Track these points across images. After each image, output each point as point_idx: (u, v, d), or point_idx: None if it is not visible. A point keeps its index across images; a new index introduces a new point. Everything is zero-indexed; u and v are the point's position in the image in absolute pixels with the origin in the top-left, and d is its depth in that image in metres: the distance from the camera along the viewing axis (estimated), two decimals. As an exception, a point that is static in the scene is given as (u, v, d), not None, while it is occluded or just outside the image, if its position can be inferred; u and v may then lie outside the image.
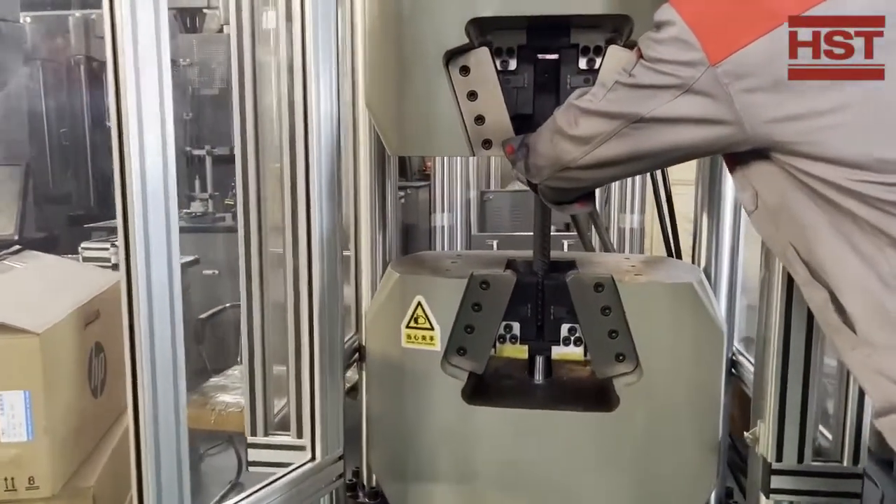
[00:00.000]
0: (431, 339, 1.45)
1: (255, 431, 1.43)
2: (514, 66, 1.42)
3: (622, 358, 1.44)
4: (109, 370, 1.78)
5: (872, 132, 0.87)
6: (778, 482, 1.28)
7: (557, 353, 1.53)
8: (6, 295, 1.63)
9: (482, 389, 1.53)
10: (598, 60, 1.40)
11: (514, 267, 1.55)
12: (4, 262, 1.84)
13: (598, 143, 1.06)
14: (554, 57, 1.42)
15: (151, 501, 1.00)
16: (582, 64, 1.42)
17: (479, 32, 1.39)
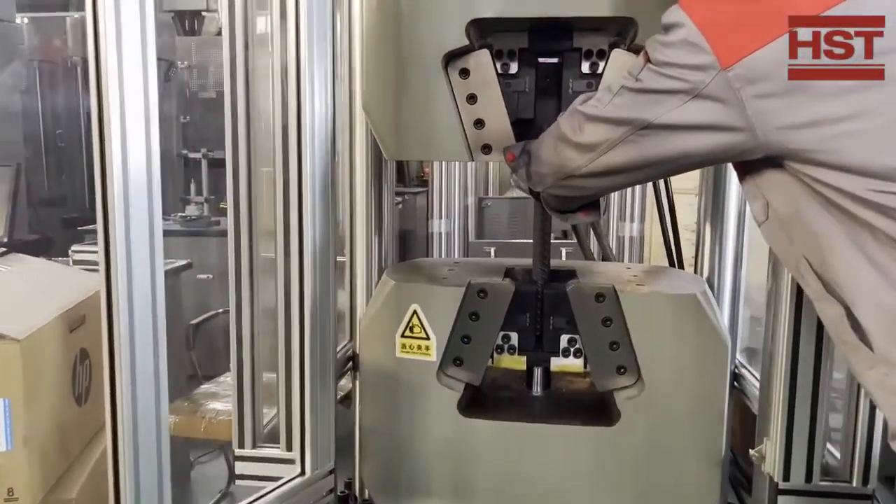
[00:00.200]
0: (427, 348, 1.42)
1: (243, 443, 1.40)
2: (514, 69, 1.40)
3: (623, 370, 1.40)
4: (95, 377, 1.74)
5: (891, 140, 0.84)
6: (785, 502, 1.25)
7: (556, 364, 1.49)
8: (-12, 299, 1.58)
9: (479, 401, 1.49)
10: (601, 64, 1.38)
11: (512, 275, 1.52)
12: (-11, 264, 1.80)
13: (603, 150, 1.03)
14: (556, 60, 1.40)
15: (130, 519, 0.95)
16: (585, 68, 1.39)
17: (479, 34, 1.36)
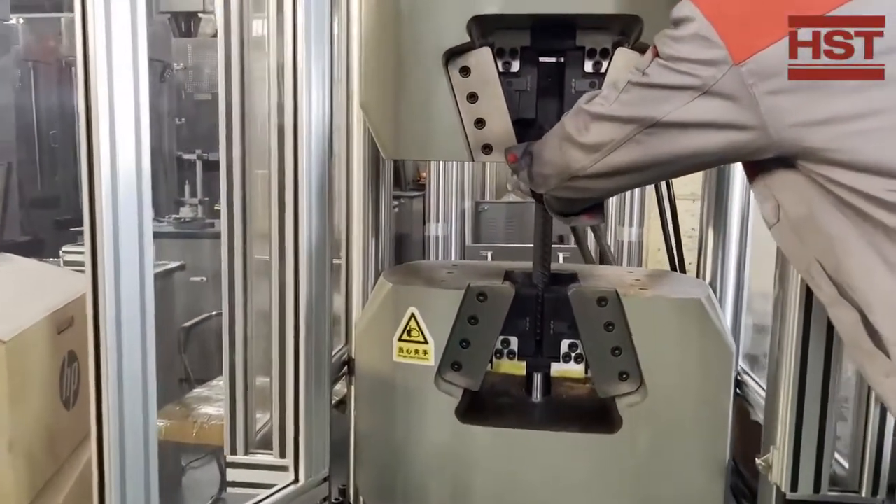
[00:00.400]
0: (425, 353, 1.39)
1: (234, 450, 1.36)
2: (516, 67, 1.37)
3: (625, 377, 1.37)
4: (83, 380, 1.69)
5: None
6: (792, 512, 1.22)
7: (557, 370, 1.46)
8: (-26, 299, 1.54)
9: (477, 407, 1.46)
10: (604, 64, 1.35)
11: (512, 279, 1.49)
12: (-23, 265, 1.76)
13: (609, 150, 1.00)
14: (559, 60, 1.37)
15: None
16: (588, 67, 1.37)
17: (480, 32, 1.34)
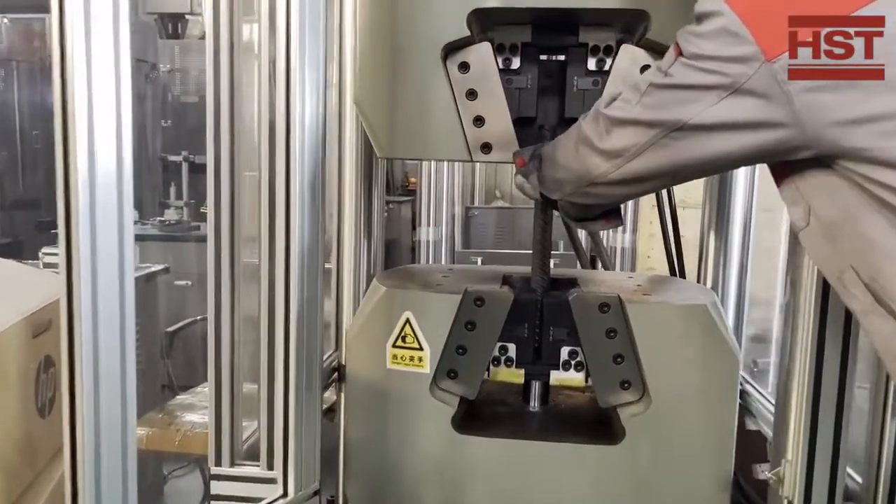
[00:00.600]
0: (420, 360, 1.34)
1: (219, 461, 1.30)
2: (517, 64, 1.33)
3: (628, 385, 1.33)
4: (60, 387, 1.62)
5: None
6: (804, 528, 1.17)
7: (556, 378, 1.41)
8: (-54, 301, 1.47)
9: (474, 417, 1.41)
10: (608, 61, 1.31)
11: (510, 283, 1.45)
12: (-50, 265, 1.69)
13: (631, 155, 0.95)
14: (560, 57, 1.33)
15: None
16: (591, 65, 1.33)
17: (480, 26, 1.29)
